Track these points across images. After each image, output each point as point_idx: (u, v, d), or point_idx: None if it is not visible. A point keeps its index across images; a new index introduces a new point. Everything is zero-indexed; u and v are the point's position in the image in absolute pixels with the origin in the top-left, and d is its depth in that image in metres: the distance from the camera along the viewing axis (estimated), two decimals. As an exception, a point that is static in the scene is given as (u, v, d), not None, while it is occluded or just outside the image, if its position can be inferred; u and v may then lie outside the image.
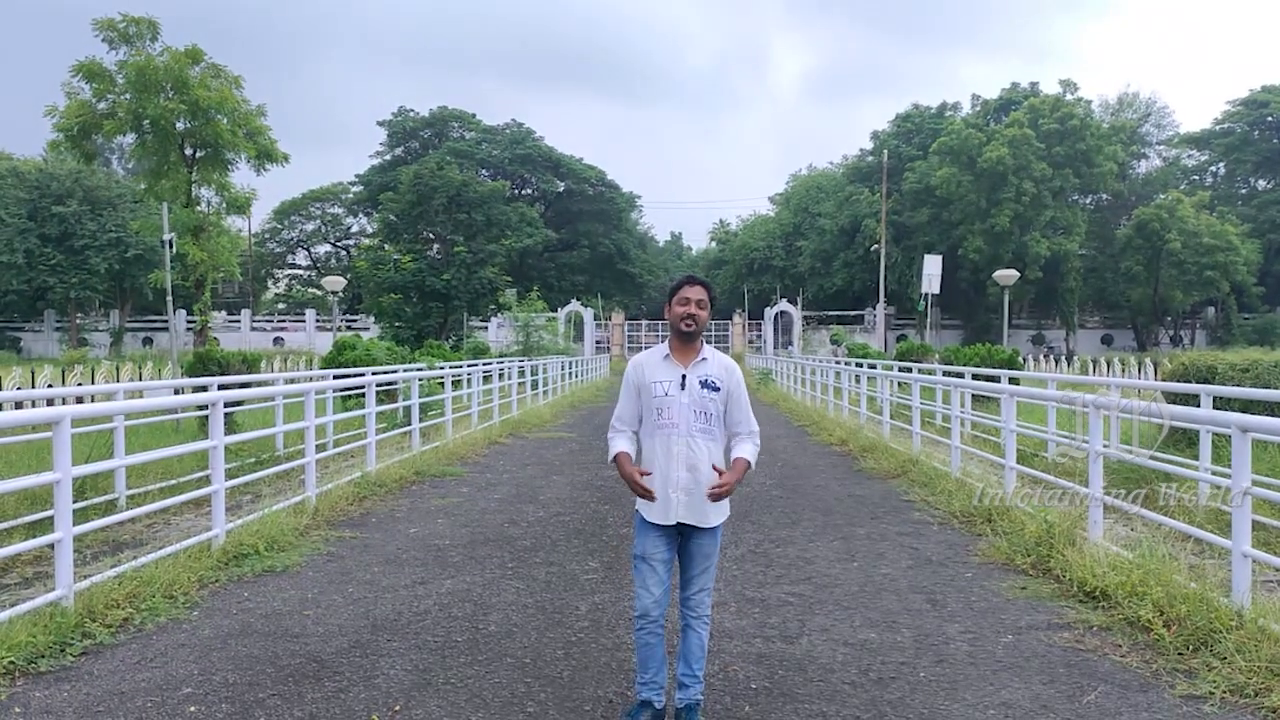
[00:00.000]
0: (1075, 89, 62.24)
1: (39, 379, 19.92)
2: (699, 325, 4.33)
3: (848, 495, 10.67)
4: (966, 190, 56.15)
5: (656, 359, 4.38)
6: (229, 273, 28.08)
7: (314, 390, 10.42)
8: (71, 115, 24.43)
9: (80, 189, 58.40)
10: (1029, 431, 12.43)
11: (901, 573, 7.10)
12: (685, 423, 4.25)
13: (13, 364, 35.43)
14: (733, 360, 4.48)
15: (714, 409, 4.30)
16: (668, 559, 4.32)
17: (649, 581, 4.28)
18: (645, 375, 4.37)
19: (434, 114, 77.60)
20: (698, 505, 4.25)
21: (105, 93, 24.58)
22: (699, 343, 4.37)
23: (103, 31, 24.00)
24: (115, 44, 24.23)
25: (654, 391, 4.30)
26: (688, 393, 4.26)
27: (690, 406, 4.25)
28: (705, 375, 4.30)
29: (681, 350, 4.34)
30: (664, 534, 4.30)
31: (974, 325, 61.71)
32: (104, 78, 24.43)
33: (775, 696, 4.70)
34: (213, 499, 7.65)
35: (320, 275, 71.94)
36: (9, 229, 56.53)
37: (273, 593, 6.52)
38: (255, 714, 4.46)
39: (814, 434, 17.29)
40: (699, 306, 4.31)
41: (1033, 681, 4.86)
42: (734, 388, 4.38)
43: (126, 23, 24.07)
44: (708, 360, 4.34)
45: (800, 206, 73.25)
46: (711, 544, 4.38)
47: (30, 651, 5.06)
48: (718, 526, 4.38)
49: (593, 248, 73.79)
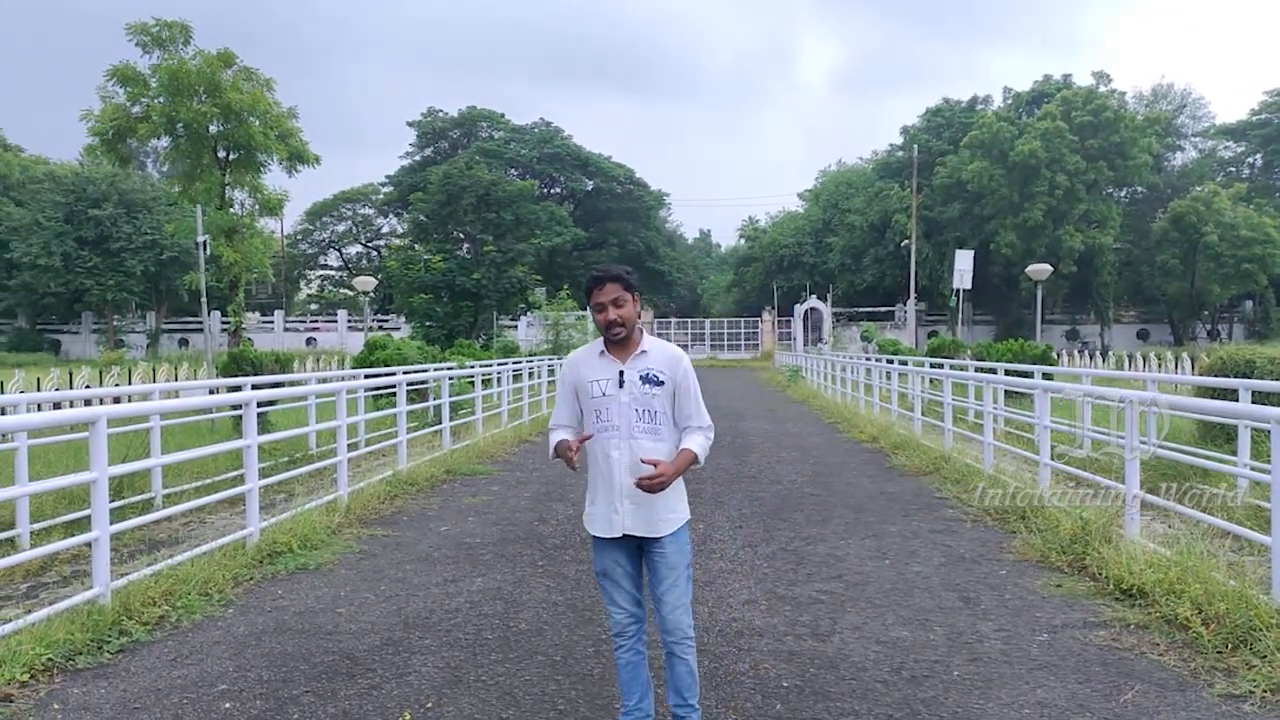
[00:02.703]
0: (1109, 81, 61.53)
1: (76, 380, 20.21)
2: (628, 326, 3.86)
3: (879, 492, 10.60)
4: (998, 184, 55.60)
5: (592, 355, 3.96)
6: (262, 274, 28.35)
7: (346, 390, 10.50)
8: (106, 119, 24.76)
9: (116, 192, 59.19)
10: (1063, 428, 12.29)
11: (934, 570, 7.04)
12: (626, 424, 3.83)
13: (51, 365, 35.98)
14: (678, 349, 4.01)
15: (659, 406, 3.86)
16: (632, 571, 3.95)
17: (616, 597, 3.94)
18: (581, 374, 3.96)
19: (463, 114, 77.91)
20: (646, 514, 3.84)
21: (139, 96, 24.88)
22: (637, 334, 3.93)
23: (136, 36, 24.27)
24: (148, 48, 24.51)
25: (591, 391, 3.90)
26: (627, 390, 3.84)
27: (631, 405, 3.84)
28: (646, 369, 3.86)
29: (619, 345, 3.90)
30: (618, 546, 3.90)
31: (1006, 321, 61.10)
32: (138, 82, 24.73)
33: (807, 695, 4.67)
34: (247, 498, 7.73)
35: (351, 275, 72.50)
36: (47, 232, 57.42)
37: (306, 590, 6.58)
38: (289, 710, 4.50)
39: (845, 431, 17.20)
40: (617, 305, 3.82)
41: (1069, 680, 4.81)
42: (680, 379, 3.90)
43: (159, 27, 24.34)
44: (648, 352, 3.89)
45: (830, 203, 72.84)
46: (676, 552, 3.89)
47: (68, 649, 5.13)
48: (678, 533, 3.91)
49: (621, 246, 73.77)
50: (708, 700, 4.60)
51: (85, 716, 4.43)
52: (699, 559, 7.43)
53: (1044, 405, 9.88)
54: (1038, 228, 54.84)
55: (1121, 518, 7.33)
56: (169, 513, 7.59)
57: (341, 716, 4.43)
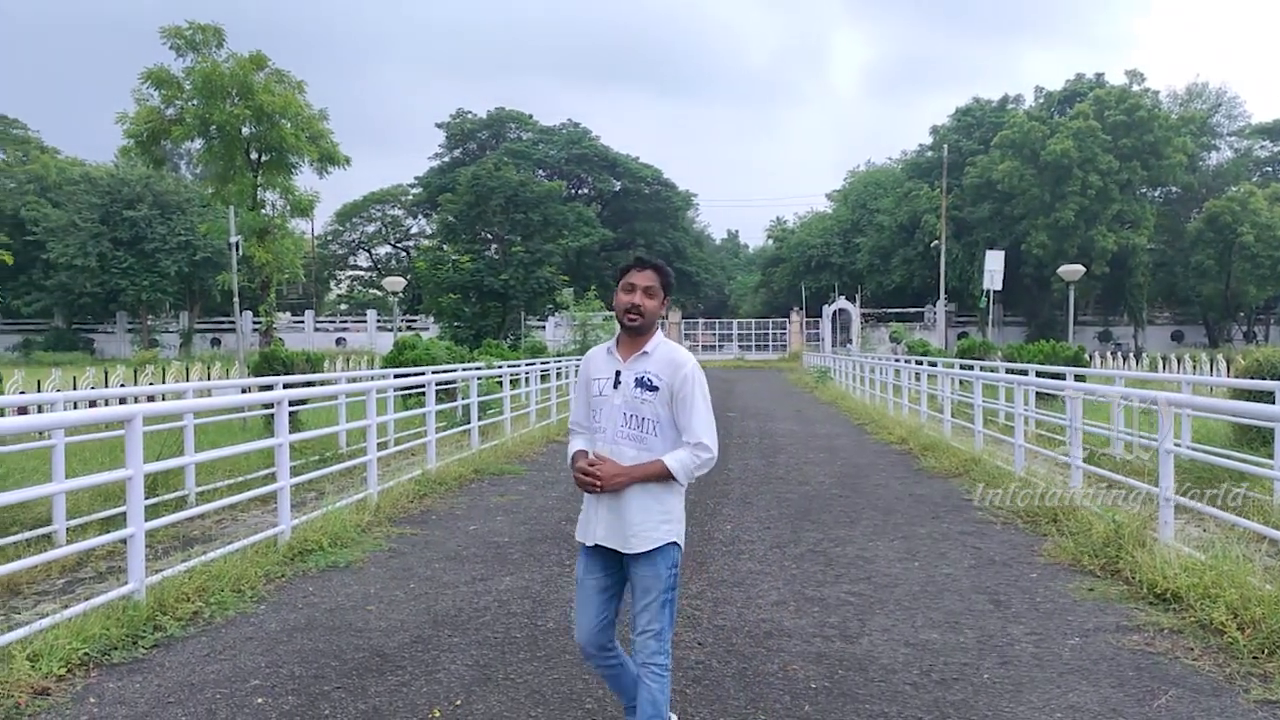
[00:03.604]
0: (1142, 80, 60.78)
1: (112, 379, 20.47)
2: (646, 318, 3.64)
3: (908, 494, 10.53)
4: (1029, 184, 55.10)
5: (602, 352, 3.80)
6: (293, 274, 28.57)
7: (375, 389, 10.58)
8: (141, 121, 25.06)
9: (150, 194, 59.96)
10: (1096, 430, 12.17)
11: (964, 573, 7.00)
12: (612, 428, 3.62)
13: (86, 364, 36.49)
14: (686, 355, 3.70)
15: (649, 413, 3.59)
16: (605, 585, 3.71)
17: (582, 609, 3.73)
18: (590, 370, 3.80)
19: (491, 115, 78.28)
20: (617, 526, 3.60)
21: (173, 99, 25.16)
22: (650, 335, 3.70)
23: (170, 39, 24.55)
24: (182, 51, 24.78)
25: (592, 389, 3.74)
26: (620, 392, 3.63)
27: (620, 409, 3.62)
28: (642, 372, 3.61)
29: (627, 343, 3.70)
30: (596, 555, 3.70)
31: (1038, 322, 60.53)
32: (172, 84, 25.01)
33: (835, 696, 4.66)
34: (278, 496, 7.80)
35: (381, 276, 73.05)
36: (83, 233, 58.26)
37: (336, 588, 6.63)
38: (320, 706, 4.54)
39: (873, 432, 17.11)
40: (647, 295, 3.63)
41: (1101, 685, 4.76)
42: (679, 387, 3.59)
43: (193, 30, 24.60)
44: (650, 354, 3.65)
45: (858, 203, 72.49)
46: (651, 576, 3.61)
47: (104, 643, 5.20)
48: (654, 555, 3.61)
49: (649, 247, 73.78)
50: (736, 700, 4.60)
51: (120, 710, 4.49)
52: (728, 559, 7.42)
53: (1076, 407, 9.79)
54: (1070, 228, 54.29)
55: (1155, 521, 7.25)
56: (202, 510, 7.68)
57: (372, 713, 4.47)
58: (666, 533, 3.61)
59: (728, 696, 4.66)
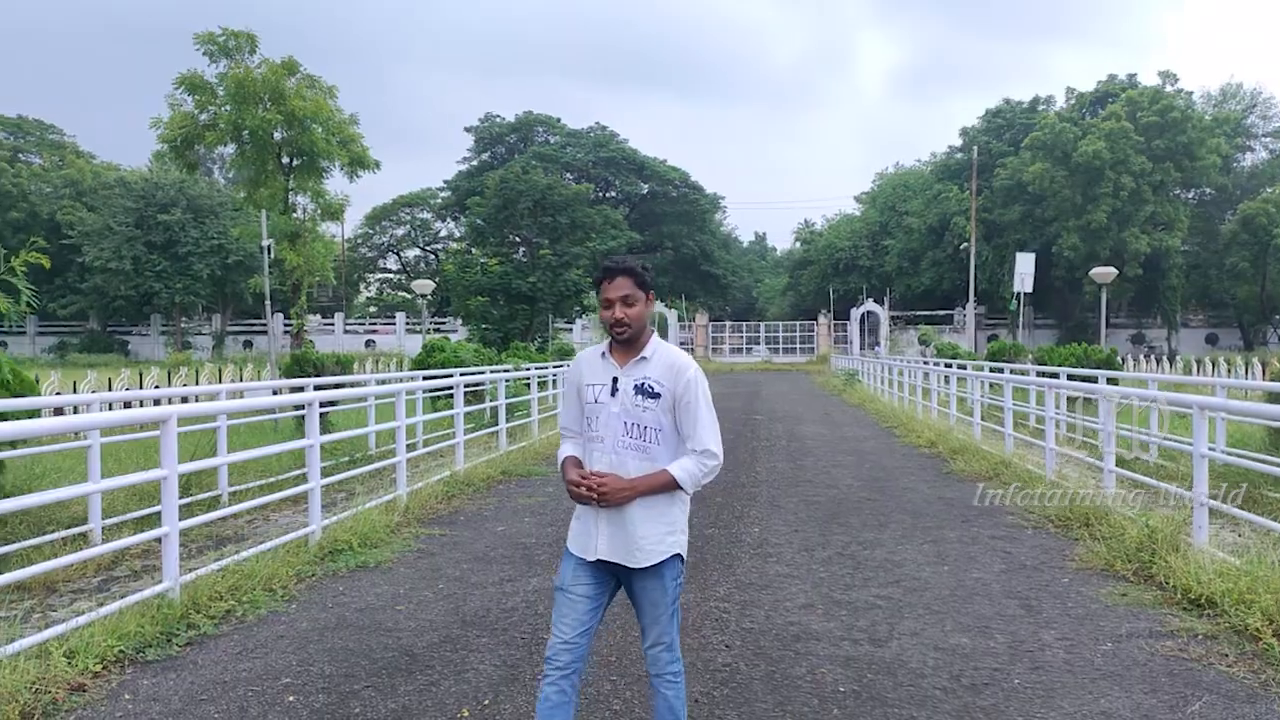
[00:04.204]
0: (1175, 80, 60.15)
1: (146, 380, 20.74)
2: (634, 326, 3.46)
3: (937, 497, 10.47)
4: (1061, 186, 54.61)
5: (595, 356, 3.61)
6: (324, 277, 28.81)
7: (405, 391, 10.65)
8: (175, 127, 25.39)
9: (184, 198, 60.69)
10: (1129, 433, 12.04)
11: (994, 577, 6.94)
12: (612, 437, 3.46)
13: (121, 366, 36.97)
14: (686, 358, 3.55)
15: (651, 421, 3.44)
16: (592, 595, 3.51)
17: (563, 617, 3.50)
18: (582, 375, 3.62)
19: (519, 119, 78.59)
20: (622, 540, 3.45)
21: (206, 104, 25.48)
22: (645, 338, 3.53)
23: (203, 45, 24.86)
24: (215, 57, 25.09)
25: (585, 396, 3.57)
26: (618, 400, 3.47)
27: (620, 417, 3.46)
28: (642, 378, 3.46)
29: (621, 349, 3.54)
30: (590, 567, 3.53)
31: (1069, 325, 59.98)
32: (205, 90, 25.32)
33: (864, 700, 4.64)
34: (309, 496, 7.87)
35: (410, 279, 73.48)
36: (117, 237, 59.08)
37: (366, 588, 6.68)
38: (351, 705, 4.58)
39: (902, 435, 17.02)
40: (627, 304, 3.44)
41: (1134, 691, 4.71)
42: (682, 393, 3.45)
43: (226, 36, 24.90)
44: (649, 359, 3.49)
45: (887, 205, 72.15)
46: (657, 590, 3.49)
47: (139, 641, 5.27)
48: (660, 566, 3.48)
49: (676, 249, 73.85)
50: (764, 703, 4.60)
51: (155, 707, 4.54)
52: (755, 562, 7.41)
53: (1108, 410, 9.69)
54: (1102, 230, 53.76)
55: (1189, 525, 7.17)
56: (234, 510, 7.76)
57: (401, 712, 4.50)
58: (672, 545, 3.50)
59: (755, 699, 4.65)
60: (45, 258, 6.29)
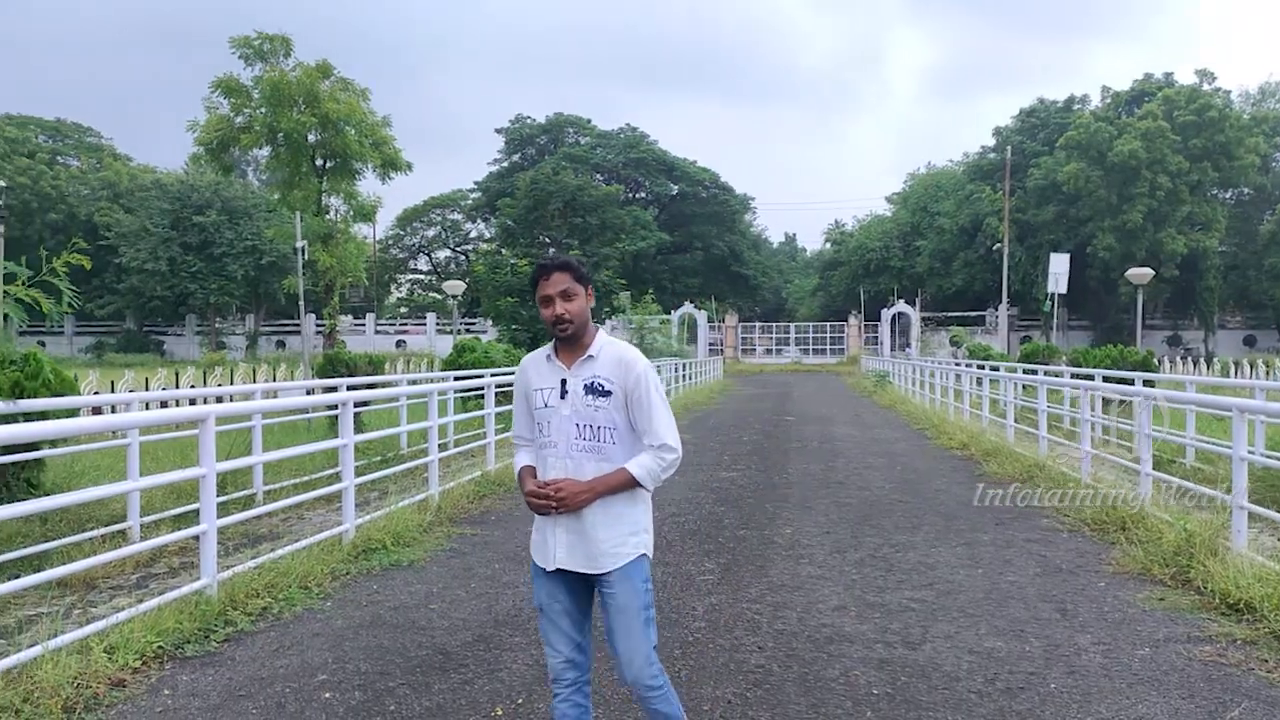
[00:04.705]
0: (1213, 79, 59.35)
1: (182, 380, 21.00)
2: (576, 322, 3.35)
3: (970, 500, 10.38)
4: (1096, 186, 54.02)
5: (540, 359, 3.49)
6: (356, 278, 29.06)
7: (436, 391, 10.72)
8: (211, 130, 25.73)
9: (219, 199, 61.44)
10: (1165, 436, 11.90)
11: (1029, 581, 6.89)
12: (565, 441, 3.34)
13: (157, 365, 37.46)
14: (634, 352, 3.42)
15: (604, 420, 3.32)
16: (572, 608, 3.42)
17: (552, 638, 3.43)
18: (529, 380, 3.50)
19: (550, 120, 78.83)
20: (583, 546, 3.32)
21: (242, 107, 25.80)
22: (591, 336, 3.42)
23: (239, 49, 25.17)
24: (251, 60, 25.40)
25: (534, 401, 3.44)
26: (569, 402, 3.35)
27: (571, 419, 3.34)
28: (591, 377, 3.34)
29: (567, 349, 3.43)
30: (558, 580, 3.40)
31: (1104, 326, 59.31)
32: (241, 93, 25.64)
33: (898, 703, 4.62)
34: (343, 495, 7.95)
35: (440, 280, 73.97)
36: (154, 238, 59.90)
37: (400, 586, 6.74)
38: (386, 702, 4.62)
39: (933, 437, 16.90)
40: (566, 299, 3.33)
41: (1171, 696, 4.66)
42: (632, 387, 3.33)
43: (261, 40, 25.19)
44: (595, 357, 3.37)
45: (918, 206, 71.67)
46: (626, 593, 3.33)
47: (177, 637, 5.34)
48: (628, 569, 3.34)
49: (706, 250, 73.76)
50: (798, 705, 4.59)
51: (194, 702, 4.61)
52: (787, 564, 7.39)
53: (1145, 413, 9.58)
54: (1137, 230, 53.13)
55: (1227, 529, 7.07)
56: (270, 508, 7.85)
57: (436, 710, 4.53)
58: (635, 545, 3.36)
59: (789, 701, 4.65)
60: (86, 259, 6.38)
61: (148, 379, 21.71)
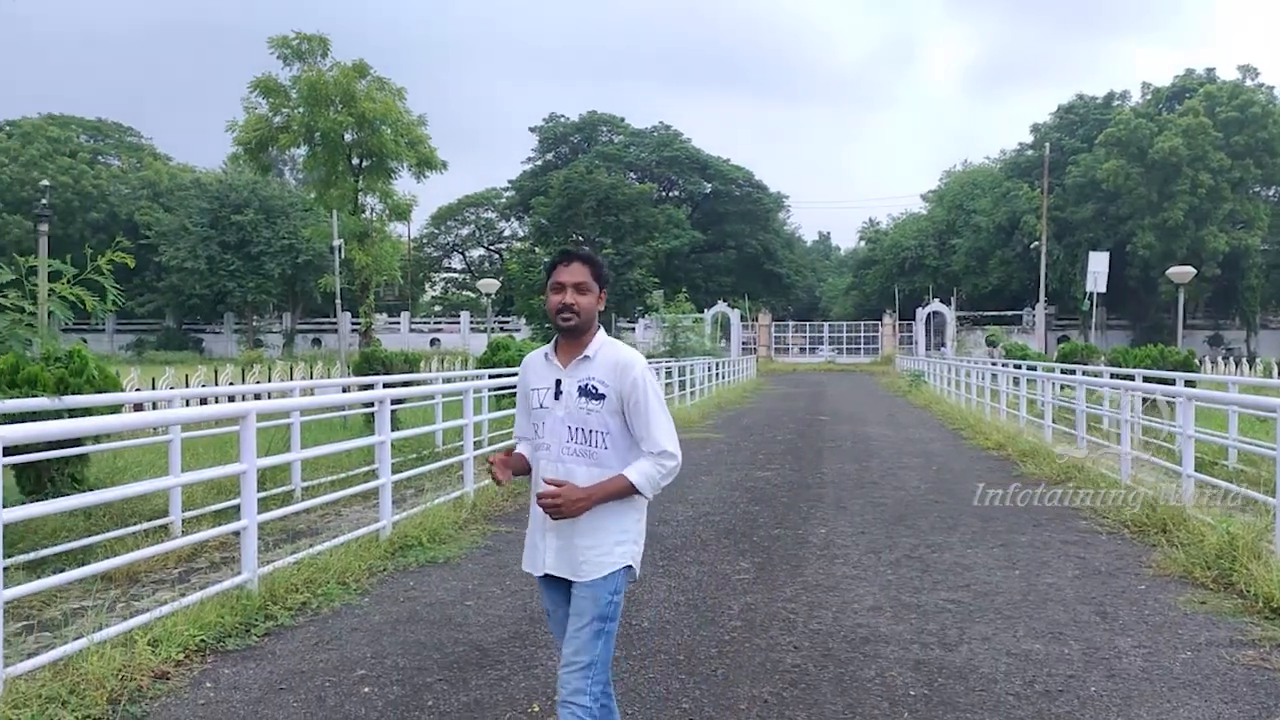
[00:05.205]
0: (1256, 74, 58.32)
1: (222, 377, 21.28)
2: (582, 316, 3.26)
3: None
4: (1136, 183, 53.29)
5: (539, 358, 3.42)
6: (391, 276, 29.26)
7: (472, 389, 10.78)
8: (249, 129, 26.00)
9: (256, 199, 62.21)
10: (1207, 437, 11.73)
11: (1067, 582, 6.82)
12: (558, 443, 3.26)
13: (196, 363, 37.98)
14: (633, 354, 3.32)
15: (596, 424, 3.23)
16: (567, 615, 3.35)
17: (560, 639, 3.38)
18: (528, 378, 3.44)
19: (583, 119, 79.01)
20: (569, 553, 3.24)
21: (280, 107, 26.06)
22: (591, 335, 3.32)
23: (278, 49, 25.43)
24: (289, 60, 25.65)
25: (531, 401, 3.38)
26: (563, 403, 3.27)
27: (564, 421, 3.26)
28: (586, 379, 3.25)
29: (566, 347, 3.34)
30: (551, 585, 3.36)
31: (1144, 326, 58.52)
32: (279, 93, 25.90)
33: (935, 705, 4.59)
34: (380, 492, 8.02)
35: (474, 278, 74.42)
36: (193, 237, 60.77)
37: (436, 583, 6.79)
38: (424, 697, 4.66)
39: (969, 438, 16.77)
40: (579, 292, 3.25)
41: (1213, 700, 4.60)
42: (628, 391, 3.22)
43: (299, 40, 25.44)
44: (592, 359, 3.27)
45: (954, 203, 71.06)
46: (588, 599, 3.22)
47: (219, 631, 5.42)
48: (599, 582, 3.23)
49: (739, 249, 73.60)
50: (834, 705, 4.57)
51: (236, 695, 4.67)
52: (822, 563, 7.37)
53: (1187, 414, 9.45)
54: (1178, 228, 52.37)
55: (1271, 532, 6.96)
56: (308, 505, 7.94)
57: (474, 705, 4.57)
58: (621, 556, 3.26)
59: (825, 701, 4.64)
60: (130, 257, 6.48)
61: (187, 376, 22.01)
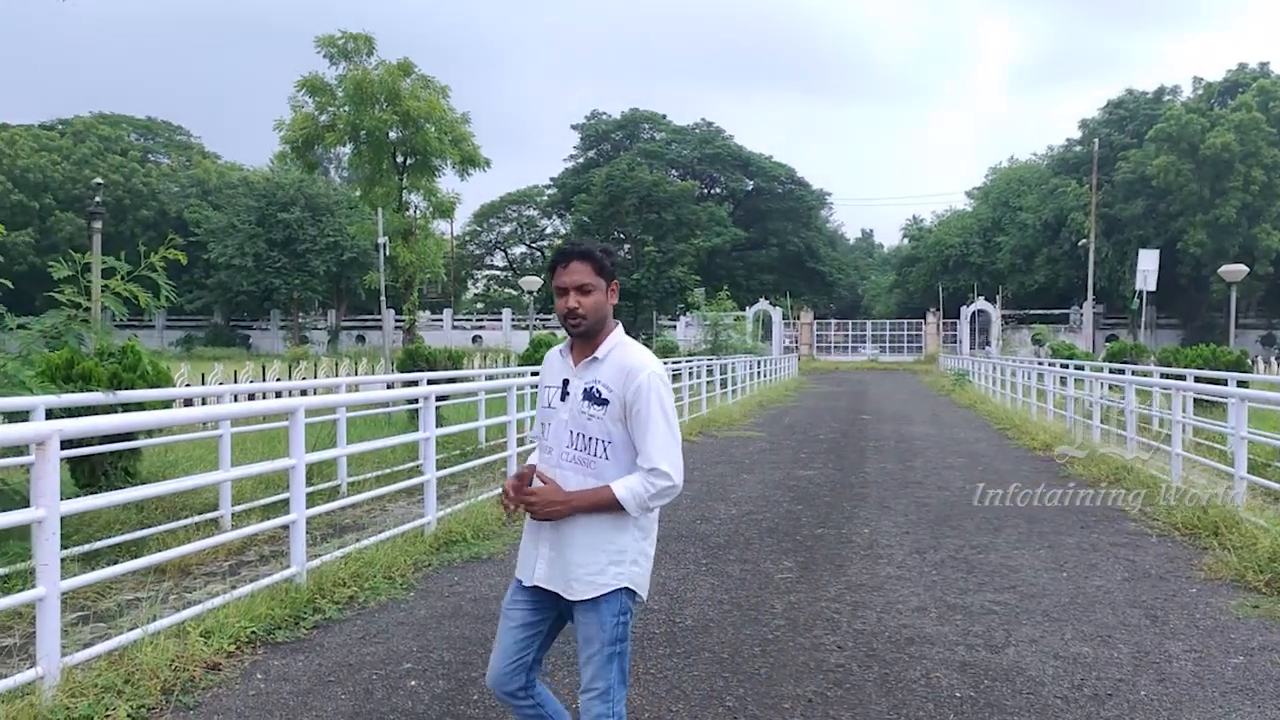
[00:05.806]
0: (1312, 67, 57.00)
1: (269, 373, 21.60)
2: (590, 318, 3.04)
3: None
4: (1187, 180, 52.30)
5: (556, 355, 3.23)
6: (435, 274, 29.54)
7: (515, 386, 10.85)
8: (296, 128, 26.39)
9: (303, 196, 63.00)
10: (1262, 439, 11.50)
11: (1116, 585, 6.72)
12: (559, 448, 3.09)
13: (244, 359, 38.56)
14: (644, 358, 3.07)
15: (597, 431, 3.03)
16: (530, 623, 3.17)
17: (497, 644, 3.21)
18: (544, 375, 3.27)
19: (625, 116, 79.12)
20: (561, 566, 3.07)
21: (326, 106, 26.41)
22: (604, 335, 3.10)
23: (324, 48, 25.76)
24: (335, 59, 25.99)
25: (541, 400, 3.21)
26: (567, 406, 3.09)
27: (567, 425, 3.07)
28: (592, 382, 3.05)
29: (578, 345, 3.14)
30: (530, 592, 3.17)
31: (1195, 325, 57.44)
32: (325, 91, 26.25)
33: (981, 707, 4.56)
34: (425, 488, 8.10)
35: (516, 276, 74.77)
36: (241, 234, 61.68)
37: (480, 578, 6.85)
38: (469, 691, 4.71)
39: (1015, 438, 16.57)
40: (583, 293, 3.02)
41: (1266, 706, 4.52)
42: (632, 399, 2.99)
43: (345, 39, 25.75)
44: (601, 360, 3.06)
45: (1000, 200, 70.24)
46: (592, 626, 3.06)
47: (269, 623, 5.51)
48: (600, 602, 3.06)
49: (781, 246, 73.30)
50: (879, 706, 4.55)
51: (285, 687, 4.75)
52: (866, 563, 7.33)
53: (1240, 414, 9.27)
54: (1230, 226, 51.33)
55: (1329, 537, 6.82)
56: (354, 500, 8.04)
57: (518, 700, 4.60)
58: (615, 576, 3.05)
59: (869, 701, 4.62)
60: (183, 254, 6.60)
61: (236, 372, 22.36)
